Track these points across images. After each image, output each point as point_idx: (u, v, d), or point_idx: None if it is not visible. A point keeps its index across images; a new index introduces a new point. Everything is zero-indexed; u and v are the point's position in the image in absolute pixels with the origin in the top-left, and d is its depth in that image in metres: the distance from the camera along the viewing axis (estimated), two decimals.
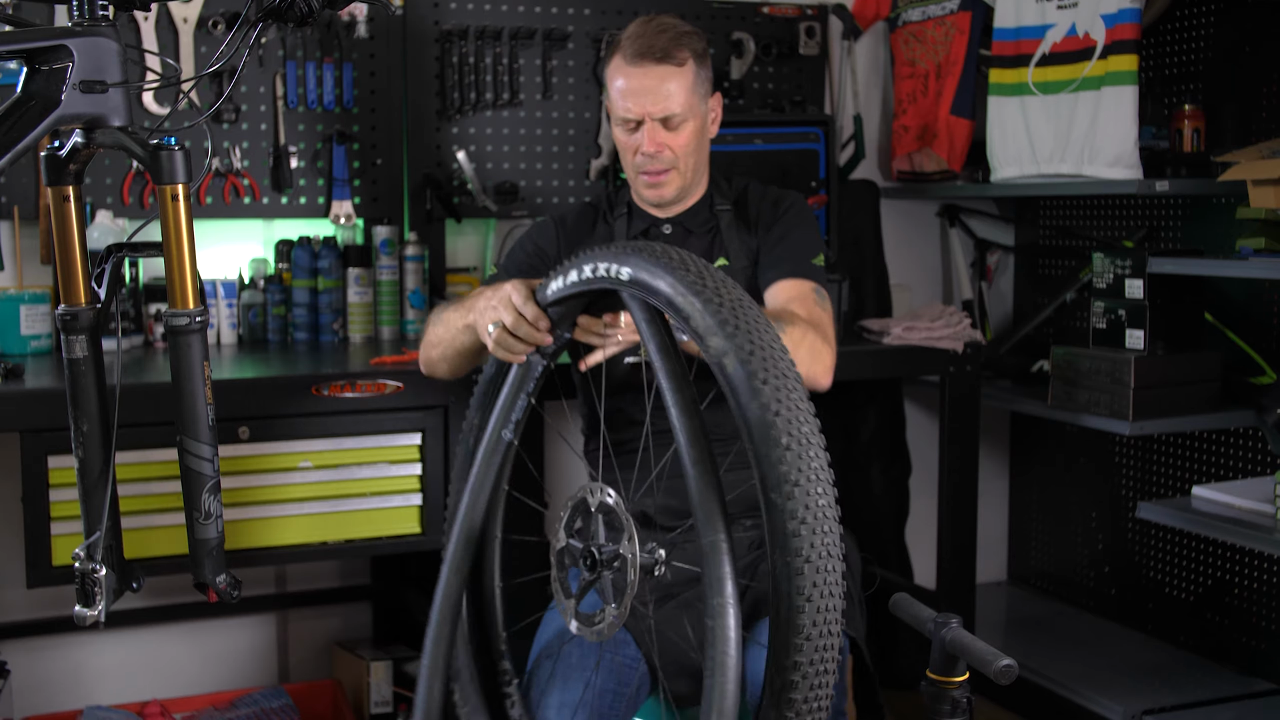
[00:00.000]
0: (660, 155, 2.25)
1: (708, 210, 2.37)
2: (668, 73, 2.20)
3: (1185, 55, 3.25)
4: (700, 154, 2.32)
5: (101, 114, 1.47)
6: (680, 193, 2.32)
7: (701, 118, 2.27)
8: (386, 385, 2.49)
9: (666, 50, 2.20)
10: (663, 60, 2.20)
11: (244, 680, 3.18)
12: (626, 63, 2.22)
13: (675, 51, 2.21)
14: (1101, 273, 2.97)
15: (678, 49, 2.21)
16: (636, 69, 2.21)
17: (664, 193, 2.30)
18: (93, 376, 1.62)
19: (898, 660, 3.32)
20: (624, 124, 2.26)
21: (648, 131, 2.23)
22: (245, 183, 3.03)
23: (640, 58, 2.20)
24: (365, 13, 3.07)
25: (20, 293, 2.75)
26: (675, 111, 2.22)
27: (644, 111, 2.22)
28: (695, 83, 2.24)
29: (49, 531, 2.30)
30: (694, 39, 2.26)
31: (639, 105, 2.22)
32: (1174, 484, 3.33)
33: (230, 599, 1.63)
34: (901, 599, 1.77)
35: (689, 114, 2.24)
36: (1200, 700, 2.97)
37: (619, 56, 2.25)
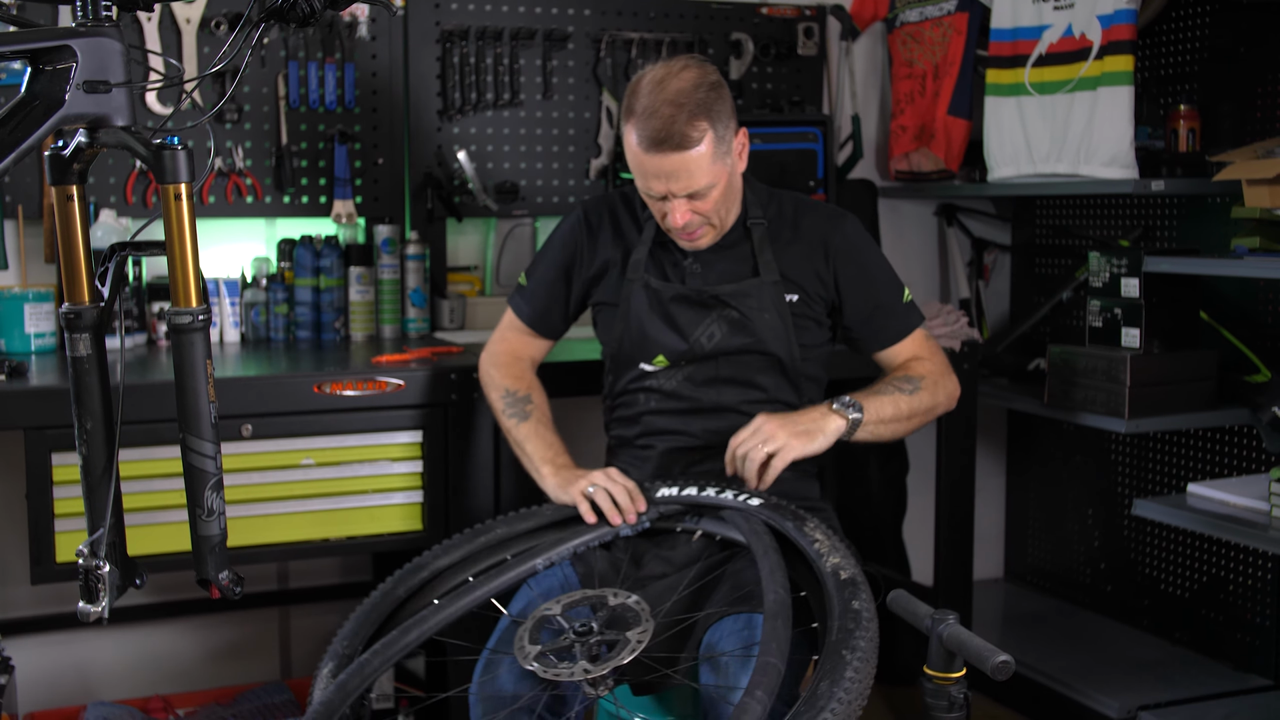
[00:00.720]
0: (690, 222, 2.16)
1: (741, 226, 2.27)
2: (686, 158, 2.06)
3: (1181, 56, 3.26)
4: (732, 199, 2.21)
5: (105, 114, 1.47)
6: (717, 238, 2.24)
7: (728, 172, 2.15)
8: (388, 383, 2.51)
9: (684, 135, 2.04)
10: (681, 147, 2.05)
11: (246, 676, 3.19)
12: (642, 147, 2.07)
13: (692, 133, 2.05)
14: (1097, 272, 2.99)
15: (693, 128, 2.05)
16: (654, 156, 2.07)
17: (700, 244, 2.23)
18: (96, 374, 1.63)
19: (895, 657, 3.33)
20: (647, 195, 2.16)
21: (675, 207, 2.12)
22: (248, 182, 3.05)
23: (658, 146, 2.05)
24: (367, 13, 3.08)
25: (24, 291, 2.76)
26: (700, 187, 2.10)
27: (667, 191, 2.11)
28: (716, 149, 2.09)
29: (53, 528, 2.32)
30: (712, 97, 2.09)
31: (662, 186, 2.10)
32: (1170, 481, 3.35)
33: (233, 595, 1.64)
34: (899, 595, 1.78)
35: (715, 180, 2.12)
36: (1195, 696, 2.99)
37: (633, 130, 2.09)
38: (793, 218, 2.29)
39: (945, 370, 2.28)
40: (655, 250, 2.29)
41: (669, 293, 2.25)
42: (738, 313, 2.22)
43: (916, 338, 2.30)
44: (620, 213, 2.35)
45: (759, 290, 2.23)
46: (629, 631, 1.80)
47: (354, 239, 3.16)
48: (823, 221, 2.28)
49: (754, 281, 2.23)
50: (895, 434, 2.19)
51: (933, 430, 3.04)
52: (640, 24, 3.36)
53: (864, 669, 1.69)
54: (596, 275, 2.34)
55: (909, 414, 2.18)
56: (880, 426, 2.14)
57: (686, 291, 2.24)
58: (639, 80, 2.11)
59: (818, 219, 2.29)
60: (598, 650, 1.79)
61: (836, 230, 2.27)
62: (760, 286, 2.23)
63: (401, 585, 2.11)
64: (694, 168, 2.07)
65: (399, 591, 2.10)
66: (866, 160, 3.67)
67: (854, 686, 1.65)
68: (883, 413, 2.14)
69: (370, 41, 3.13)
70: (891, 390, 2.18)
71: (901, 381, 2.21)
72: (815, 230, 2.27)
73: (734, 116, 2.16)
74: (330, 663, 1.93)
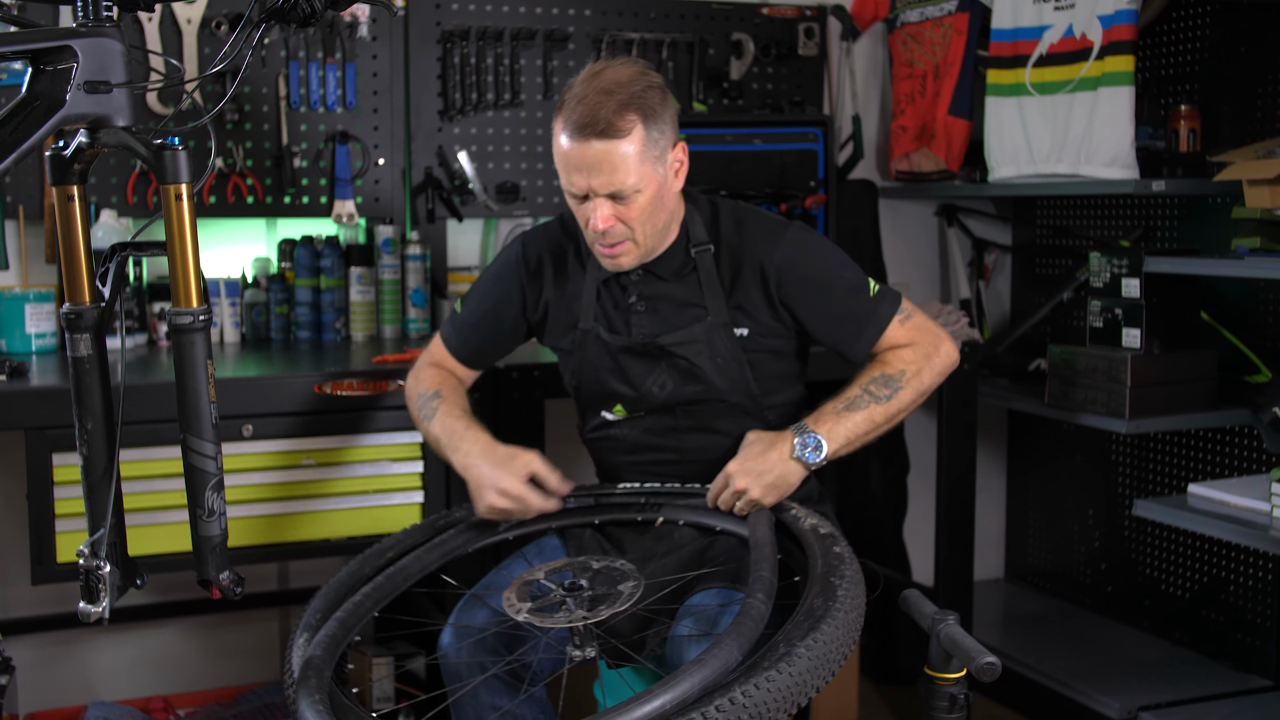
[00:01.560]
0: (612, 230, 2.02)
1: (683, 254, 2.14)
2: (611, 148, 1.95)
3: (1181, 56, 3.26)
4: (658, 217, 2.06)
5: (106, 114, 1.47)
6: (640, 260, 2.11)
7: (658, 182, 2.02)
8: (389, 383, 2.51)
9: (609, 123, 1.94)
10: (605, 134, 1.94)
11: (247, 676, 3.19)
12: (567, 134, 1.97)
13: (619, 122, 1.94)
14: (1098, 272, 2.99)
15: (622, 119, 1.95)
16: (577, 143, 1.96)
17: (621, 263, 2.09)
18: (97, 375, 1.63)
19: (896, 657, 3.34)
20: (571, 195, 2.05)
21: (596, 207, 2.00)
22: (248, 182, 3.05)
23: (581, 131, 1.95)
24: (367, 13, 3.08)
25: (25, 291, 2.76)
26: (623, 186, 1.98)
27: (588, 187, 1.99)
28: (645, 149, 1.98)
29: (53, 529, 2.32)
30: (645, 96, 1.98)
31: (583, 180, 1.99)
32: (1170, 482, 3.35)
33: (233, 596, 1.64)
34: (912, 594, 1.78)
35: (641, 184, 1.99)
36: (1195, 696, 2.99)
37: (561, 119, 1.99)
38: (735, 242, 2.14)
39: (930, 348, 2.11)
40: (600, 291, 2.18)
41: (616, 344, 2.15)
42: (685, 361, 2.12)
43: (893, 329, 2.12)
44: (564, 246, 2.23)
45: (706, 334, 2.12)
46: (620, 585, 1.78)
47: (355, 239, 3.16)
48: (760, 244, 2.12)
49: (700, 327, 2.12)
50: (879, 436, 2.09)
51: (933, 430, 3.04)
52: (640, 24, 3.36)
53: (854, 592, 1.72)
54: (541, 318, 2.25)
55: (887, 419, 2.06)
56: (852, 445, 2.04)
57: (632, 344, 2.14)
58: (575, 78, 2.02)
59: (755, 241, 2.12)
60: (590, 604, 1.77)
61: (775, 250, 2.10)
62: (708, 330, 2.11)
63: (368, 564, 2.12)
64: (618, 161, 1.96)
65: (365, 570, 2.10)
66: (867, 160, 3.67)
67: (847, 602, 1.67)
68: (853, 433, 2.02)
69: (371, 42, 3.13)
70: (866, 402, 2.04)
71: (879, 385, 2.06)
72: (753, 256, 2.12)
73: (674, 127, 2.05)
74: (304, 634, 1.91)
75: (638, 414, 2.19)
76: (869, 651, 3.36)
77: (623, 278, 2.16)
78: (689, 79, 3.40)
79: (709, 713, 1.46)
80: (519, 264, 2.24)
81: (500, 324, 2.27)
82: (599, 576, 1.84)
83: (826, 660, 1.59)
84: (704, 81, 3.41)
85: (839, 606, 1.65)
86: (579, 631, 1.74)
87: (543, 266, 2.23)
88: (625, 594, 1.75)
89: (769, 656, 1.55)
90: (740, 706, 1.48)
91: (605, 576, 1.83)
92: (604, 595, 1.77)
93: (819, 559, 1.80)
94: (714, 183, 3.10)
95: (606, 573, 1.84)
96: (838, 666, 1.62)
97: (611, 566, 1.86)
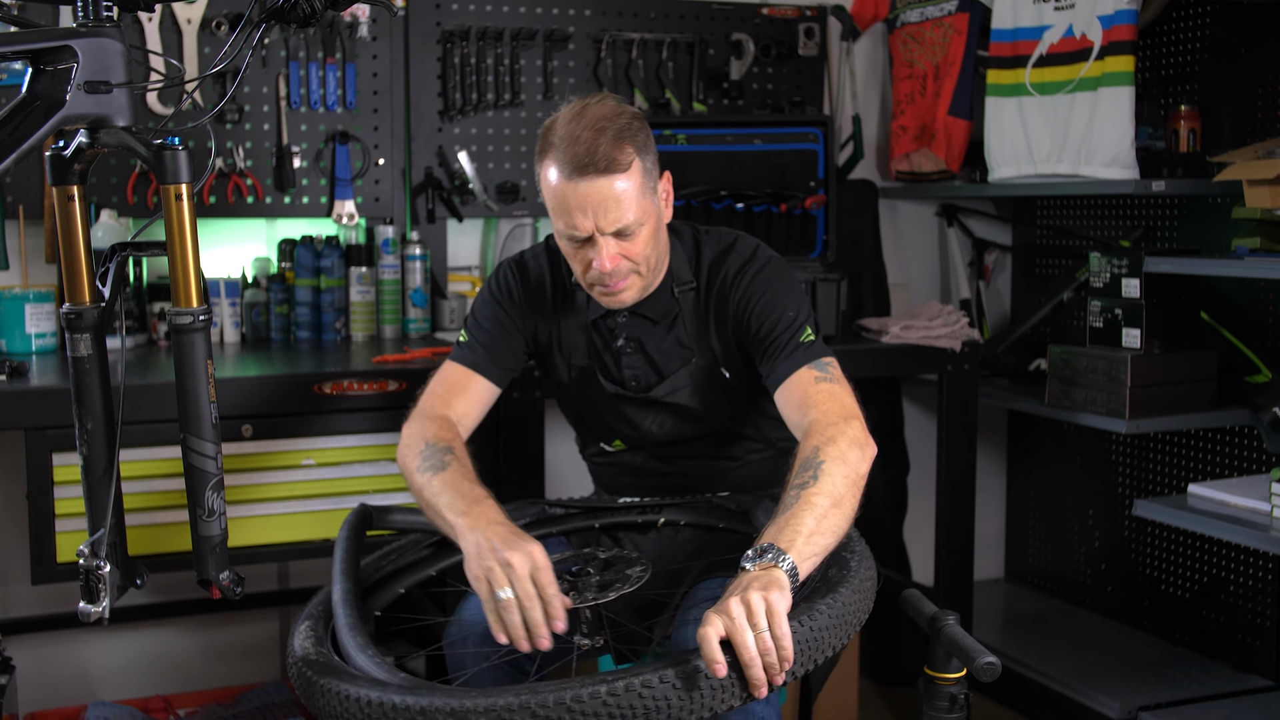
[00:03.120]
0: (618, 268, 1.96)
1: (669, 295, 2.10)
2: (613, 183, 1.89)
3: (1181, 56, 3.26)
4: (658, 248, 2.03)
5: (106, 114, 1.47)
6: (641, 294, 2.05)
7: (656, 213, 1.98)
8: (389, 383, 2.51)
9: (610, 158, 1.87)
10: (608, 170, 1.88)
11: (247, 676, 3.19)
12: (564, 176, 1.89)
13: (619, 156, 1.88)
14: (1098, 272, 2.99)
15: (621, 152, 1.89)
16: (579, 183, 1.88)
17: (623, 299, 2.03)
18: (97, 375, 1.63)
19: (896, 657, 3.34)
20: (570, 239, 1.96)
21: (602, 248, 1.93)
22: (248, 182, 3.05)
23: (582, 172, 1.88)
24: (367, 13, 3.08)
25: (25, 291, 2.76)
26: (629, 222, 1.92)
27: (593, 228, 1.92)
28: (644, 181, 1.93)
29: (54, 528, 2.32)
30: (635, 126, 1.93)
31: (587, 222, 1.91)
32: (1170, 482, 3.35)
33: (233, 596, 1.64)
34: (912, 594, 1.78)
35: (643, 217, 1.94)
36: (1195, 696, 2.99)
37: (552, 163, 1.91)
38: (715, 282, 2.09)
39: (841, 423, 1.82)
40: (590, 331, 2.14)
41: (609, 391, 2.14)
42: (679, 406, 2.12)
43: (805, 377, 1.93)
44: (543, 282, 2.16)
45: (693, 378, 2.10)
46: (628, 570, 1.77)
47: (355, 239, 3.16)
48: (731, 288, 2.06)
49: (686, 372, 2.09)
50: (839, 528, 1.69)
51: (933, 431, 3.04)
52: (640, 24, 3.36)
53: (865, 564, 1.72)
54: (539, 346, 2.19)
55: (834, 501, 1.70)
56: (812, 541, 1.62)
57: (626, 394, 2.13)
58: (553, 119, 1.94)
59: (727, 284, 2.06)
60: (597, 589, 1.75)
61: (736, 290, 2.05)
62: (695, 373, 2.09)
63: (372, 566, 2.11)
64: (621, 196, 1.90)
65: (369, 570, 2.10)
66: (867, 160, 3.67)
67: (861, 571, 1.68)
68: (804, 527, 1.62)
69: (371, 42, 3.13)
70: (796, 496, 1.69)
71: (800, 473, 1.74)
72: (722, 301, 2.07)
73: (657, 159, 2.00)
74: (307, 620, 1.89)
75: (639, 447, 2.19)
76: (869, 651, 3.36)
77: (610, 319, 2.11)
78: (689, 79, 3.40)
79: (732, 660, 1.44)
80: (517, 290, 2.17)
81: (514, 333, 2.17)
82: (606, 566, 1.83)
83: (844, 621, 1.58)
84: (704, 81, 3.41)
85: (853, 574, 1.67)
86: (587, 620, 1.73)
87: (539, 298, 2.16)
88: (633, 578, 1.75)
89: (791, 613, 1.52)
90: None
91: (613, 565, 1.83)
92: (612, 580, 1.76)
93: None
94: (714, 183, 3.10)
95: (614, 561, 1.84)
96: (855, 629, 1.62)
97: (619, 556, 1.86)
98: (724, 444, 2.17)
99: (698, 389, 2.10)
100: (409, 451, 1.99)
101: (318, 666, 1.61)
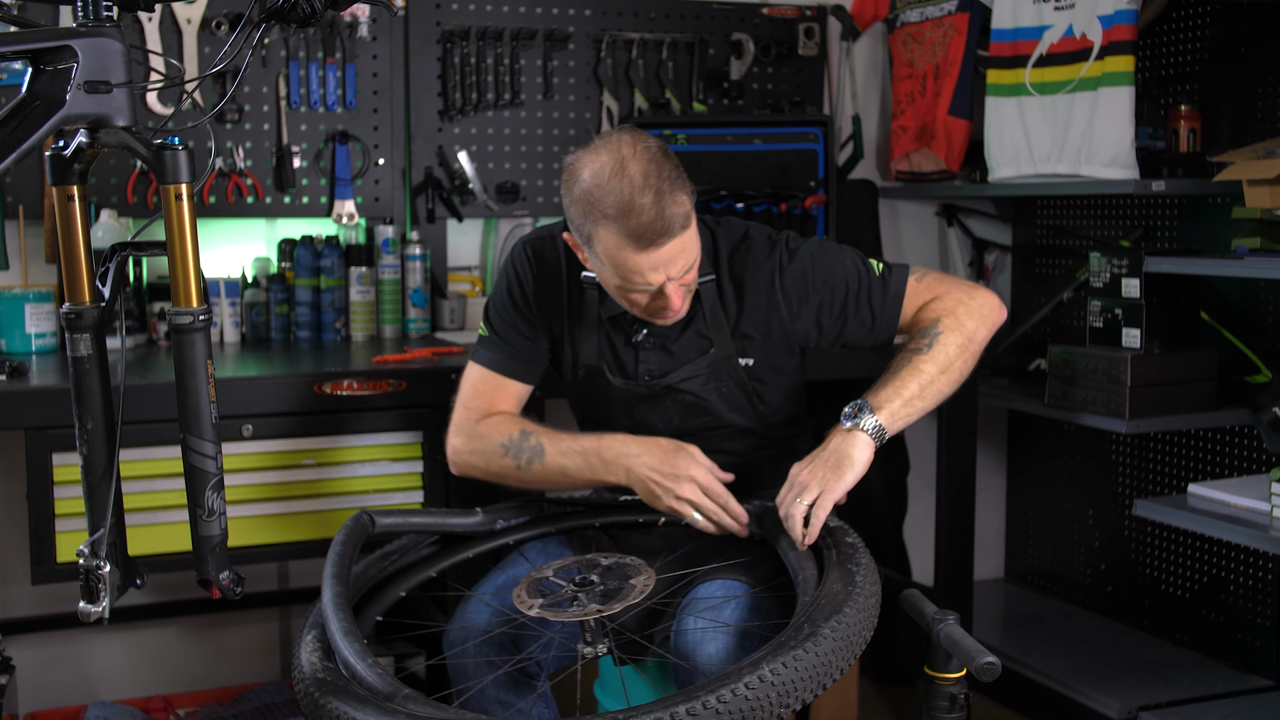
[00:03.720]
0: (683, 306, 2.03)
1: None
2: (683, 238, 1.93)
3: (1181, 56, 3.26)
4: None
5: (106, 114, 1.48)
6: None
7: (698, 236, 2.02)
8: (389, 383, 2.51)
9: (673, 217, 1.90)
10: (682, 229, 1.92)
11: (247, 676, 3.19)
12: (638, 248, 1.90)
13: (679, 211, 1.91)
14: (1098, 272, 2.99)
15: (678, 205, 1.91)
16: (652, 252, 1.90)
17: (681, 313, 2.06)
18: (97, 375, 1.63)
19: (896, 657, 3.34)
20: (640, 292, 1.99)
21: (673, 294, 1.97)
22: (248, 182, 3.05)
23: (656, 242, 1.89)
24: (367, 13, 3.08)
25: (25, 291, 2.76)
26: (693, 260, 1.98)
27: (665, 279, 1.95)
28: (692, 218, 1.97)
29: (53, 528, 2.32)
30: (674, 171, 1.93)
31: (660, 276, 1.94)
32: (1170, 482, 3.35)
33: (233, 595, 1.64)
34: (912, 594, 1.79)
35: (698, 250, 2.00)
36: (1195, 696, 2.98)
37: (616, 234, 1.90)
38: (737, 268, 2.12)
39: (958, 292, 2.05)
40: (603, 328, 2.16)
41: (621, 386, 2.15)
42: (691, 395, 2.13)
43: (913, 292, 2.09)
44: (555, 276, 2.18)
45: (711, 367, 2.12)
46: (632, 579, 1.79)
47: (355, 239, 3.16)
48: (762, 263, 2.10)
49: (704, 360, 2.11)
50: (942, 393, 1.97)
51: (933, 430, 3.04)
52: (640, 24, 3.36)
53: (871, 579, 1.73)
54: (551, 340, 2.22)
55: (940, 369, 1.96)
56: (910, 407, 1.93)
57: (639, 388, 2.14)
58: (592, 177, 1.92)
59: (756, 262, 2.11)
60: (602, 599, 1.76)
61: (777, 264, 2.10)
62: (713, 363, 2.11)
63: (373, 568, 2.11)
64: (689, 244, 1.95)
65: (370, 572, 2.10)
66: (867, 160, 3.67)
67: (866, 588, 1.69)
68: (905, 391, 1.93)
69: (371, 42, 3.13)
70: (908, 358, 1.97)
71: (917, 340, 2.00)
72: (756, 276, 2.10)
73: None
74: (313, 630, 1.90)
75: None
76: (869, 651, 3.35)
77: (628, 314, 2.12)
78: (689, 79, 3.40)
79: (738, 689, 1.45)
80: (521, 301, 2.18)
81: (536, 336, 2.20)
82: (609, 572, 1.84)
83: (850, 642, 1.60)
84: (704, 81, 3.41)
85: (858, 591, 1.67)
86: (590, 628, 1.74)
87: (541, 297, 2.18)
88: (637, 588, 1.76)
89: (795, 637, 1.55)
90: (769, 685, 1.48)
91: (616, 572, 1.83)
92: (615, 589, 1.77)
93: (834, 549, 1.82)
94: (714, 183, 3.11)
95: (617, 568, 1.84)
96: (860, 649, 1.63)
97: (621, 562, 1.86)
98: (729, 440, 2.17)
99: (712, 377, 2.12)
100: (490, 464, 2.10)
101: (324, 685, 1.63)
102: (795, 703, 1.50)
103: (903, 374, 1.95)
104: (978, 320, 2.02)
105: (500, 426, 2.11)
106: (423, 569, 2.09)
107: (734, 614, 1.89)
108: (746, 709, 1.45)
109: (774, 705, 1.47)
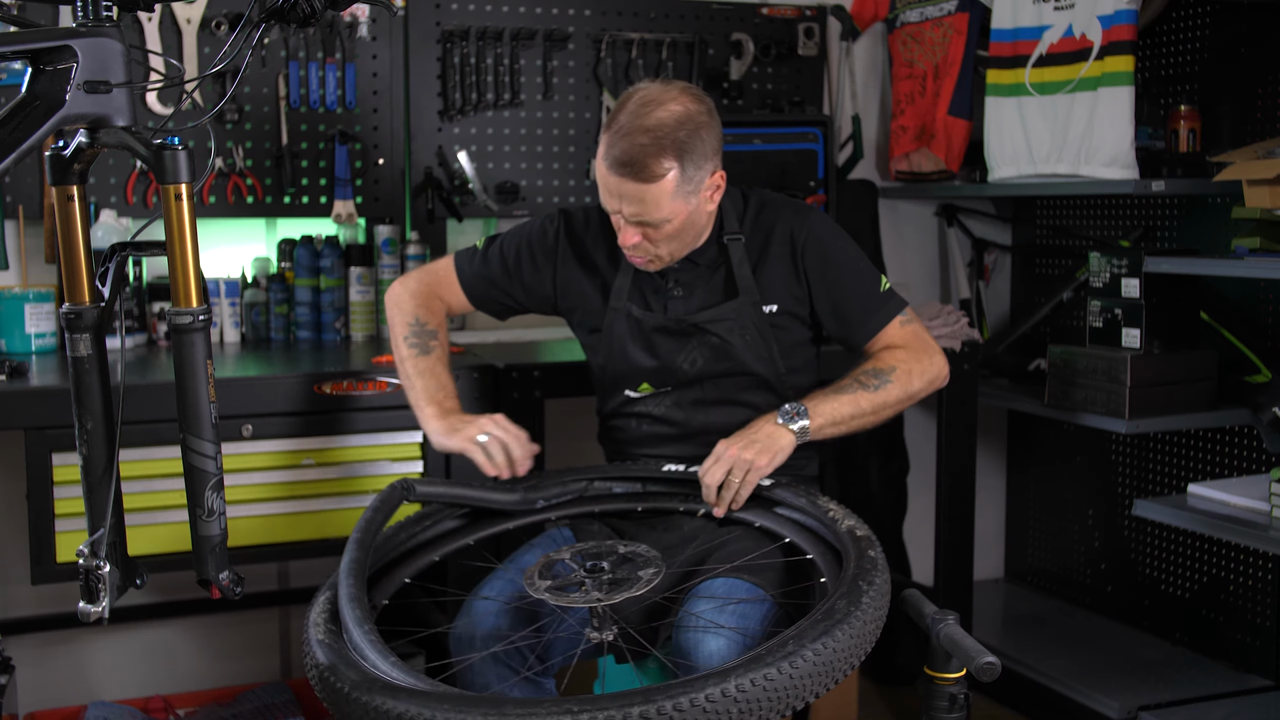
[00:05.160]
0: (638, 246, 2.12)
1: (716, 244, 2.23)
2: (645, 189, 2.03)
3: (1181, 56, 3.26)
4: (685, 236, 2.15)
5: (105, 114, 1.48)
6: (666, 266, 2.20)
7: (688, 210, 2.09)
8: (388, 383, 2.51)
9: (645, 167, 2.01)
10: (640, 178, 2.02)
11: (247, 676, 3.19)
12: (606, 162, 2.04)
13: (654, 167, 2.01)
14: (1098, 272, 2.99)
15: (658, 164, 2.01)
16: (614, 176, 2.04)
17: (649, 268, 2.20)
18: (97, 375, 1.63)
19: (896, 657, 3.34)
20: (604, 205, 2.13)
21: (622, 226, 2.10)
22: (248, 182, 3.05)
23: (618, 168, 2.02)
24: (367, 13, 3.08)
25: (25, 291, 2.76)
26: (651, 219, 2.07)
27: (619, 211, 2.08)
28: (679, 187, 2.05)
29: (53, 528, 2.32)
30: (687, 142, 2.03)
31: (615, 204, 2.08)
32: (1170, 482, 3.35)
33: (233, 595, 1.64)
34: (912, 594, 1.79)
35: (671, 215, 2.07)
36: (1195, 696, 2.99)
37: (605, 141, 2.05)
38: (765, 223, 2.24)
39: (924, 354, 2.20)
40: (638, 274, 2.25)
41: (650, 322, 2.22)
42: (717, 338, 2.20)
43: (894, 327, 2.23)
44: (602, 231, 2.29)
45: (737, 312, 2.20)
46: (640, 571, 1.78)
47: (354, 239, 3.16)
48: (789, 219, 2.23)
49: (731, 305, 2.20)
50: (861, 428, 2.15)
51: (933, 430, 3.04)
52: (640, 24, 3.36)
53: (878, 602, 1.70)
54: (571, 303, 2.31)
55: (874, 409, 2.13)
56: (836, 427, 2.11)
57: (666, 322, 2.21)
58: (631, 93, 2.08)
59: (784, 218, 2.23)
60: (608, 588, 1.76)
61: (802, 226, 2.22)
62: (739, 308, 2.20)
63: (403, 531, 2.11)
64: (649, 200, 2.04)
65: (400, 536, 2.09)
66: (867, 160, 3.67)
67: (869, 611, 1.66)
68: (838, 414, 2.10)
69: (371, 42, 3.13)
70: (854, 388, 2.13)
71: (869, 376, 2.15)
72: (783, 231, 2.22)
73: (715, 156, 2.10)
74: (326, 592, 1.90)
75: (664, 389, 2.25)
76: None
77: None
78: (689, 79, 3.40)
79: (696, 699, 1.42)
80: (559, 242, 2.30)
81: (524, 287, 2.33)
82: (622, 561, 1.84)
83: (832, 667, 1.55)
84: (704, 81, 3.41)
85: (859, 615, 1.63)
86: (599, 614, 1.75)
87: (582, 250, 2.30)
88: (644, 580, 1.75)
89: (774, 653, 1.51)
90: (731, 700, 1.45)
91: (629, 561, 1.84)
92: (623, 579, 1.77)
93: (852, 563, 1.78)
94: None
95: (631, 557, 1.85)
96: (844, 674, 1.59)
97: (636, 552, 1.86)
98: (746, 390, 2.23)
99: (738, 321, 2.21)
100: (398, 316, 2.30)
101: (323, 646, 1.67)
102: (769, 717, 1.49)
103: (844, 399, 2.12)
104: (924, 383, 2.19)
105: (432, 311, 2.31)
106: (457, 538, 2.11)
107: (736, 615, 1.89)
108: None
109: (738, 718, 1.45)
